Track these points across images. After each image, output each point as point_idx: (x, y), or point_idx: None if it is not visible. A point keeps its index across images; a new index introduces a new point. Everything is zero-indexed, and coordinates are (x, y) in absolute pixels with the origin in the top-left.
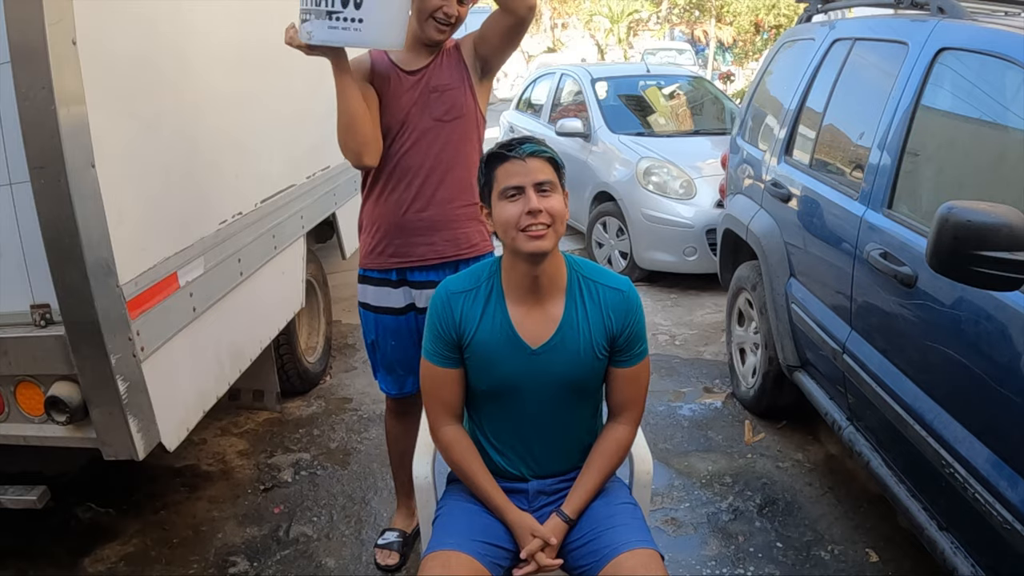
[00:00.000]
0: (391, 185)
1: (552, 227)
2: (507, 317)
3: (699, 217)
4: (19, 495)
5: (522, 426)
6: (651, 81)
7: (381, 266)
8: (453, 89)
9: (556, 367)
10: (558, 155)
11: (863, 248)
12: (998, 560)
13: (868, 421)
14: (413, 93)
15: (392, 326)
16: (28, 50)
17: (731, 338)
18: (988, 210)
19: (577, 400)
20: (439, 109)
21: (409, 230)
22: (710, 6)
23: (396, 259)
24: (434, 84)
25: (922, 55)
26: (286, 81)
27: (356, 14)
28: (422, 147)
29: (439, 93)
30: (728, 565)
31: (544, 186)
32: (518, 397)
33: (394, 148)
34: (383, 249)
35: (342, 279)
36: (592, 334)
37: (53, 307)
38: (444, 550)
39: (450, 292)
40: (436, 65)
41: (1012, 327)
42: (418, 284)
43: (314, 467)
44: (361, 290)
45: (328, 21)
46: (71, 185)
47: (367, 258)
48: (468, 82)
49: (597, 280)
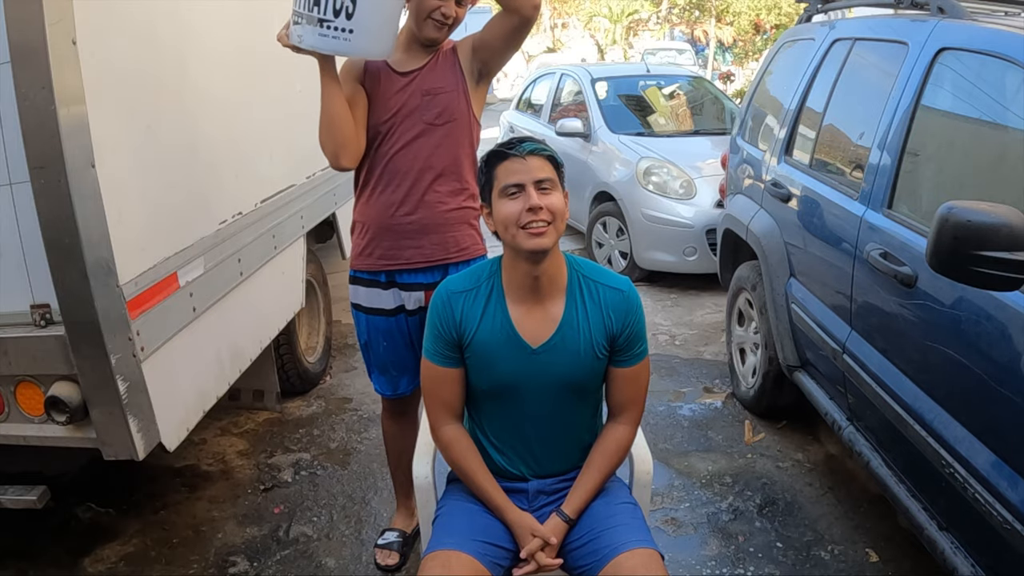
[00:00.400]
0: (380, 187)
1: (552, 224)
2: (507, 316)
3: (699, 217)
4: (19, 495)
5: (522, 425)
6: (651, 81)
7: (370, 267)
8: (446, 92)
9: (556, 367)
10: (557, 154)
11: (863, 248)
12: (998, 560)
13: (868, 421)
14: (403, 95)
15: (383, 327)
16: (28, 50)
17: (731, 338)
18: (988, 210)
19: (577, 400)
20: (431, 112)
21: (398, 232)
22: (710, 6)
23: (384, 261)
24: (427, 87)
25: (922, 55)
26: (286, 81)
27: (347, 24)
28: (412, 150)
29: (431, 96)
30: (728, 565)
31: (544, 184)
32: (518, 396)
33: (384, 149)
34: (372, 251)
35: (342, 279)
36: (592, 334)
37: (53, 307)
38: (444, 550)
39: (450, 292)
40: (430, 67)
41: (1012, 327)
42: (407, 286)
43: (314, 467)
44: (352, 291)
45: (319, 28)
46: (71, 185)
47: (357, 259)
48: (462, 86)
49: (597, 280)
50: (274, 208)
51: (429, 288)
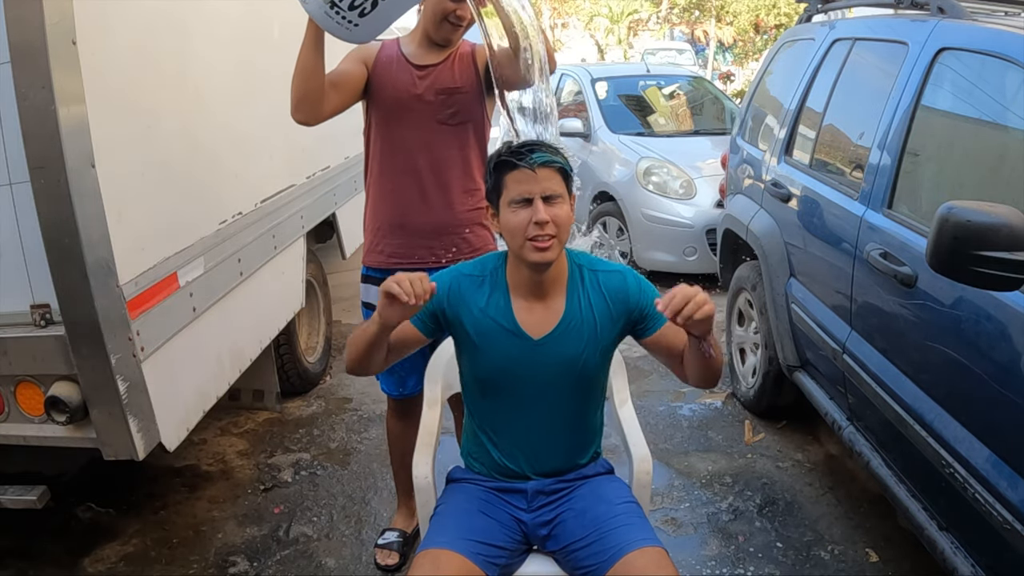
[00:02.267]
0: (392, 185)
1: (557, 236)
2: (510, 308)
3: (699, 217)
4: (19, 495)
5: (522, 418)
6: (651, 81)
7: (382, 264)
8: (462, 93)
9: (559, 356)
10: (568, 162)
11: (863, 248)
12: (998, 560)
13: (868, 421)
14: (417, 87)
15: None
16: (28, 50)
17: (731, 338)
18: (988, 210)
19: (580, 392)
20: (445, 112)
21: (410, 231)
22: (710, 6)
23: (395, 259)
24: (442, 86)
25: (922, 55)
26: (286, 81)
27: (356, 19)
28: (426, 149)
29: (446, 95)
30: (728, 565)
31: (552, 197)
32: (519, 387)
33: (397, 145)
34: (383, 248)
35: (342, 279)
36: (596, 320)
37: (53, 307)
38: (435, 548)
39: (461, 273)
40: (447, 66)
41: (1012, 327)
42: None
43: (314, 467)
44: (364, 290)
45: (327, 8)
46: (71, 185)
47: (369, 255)
48: (478, 87)
49: (596, 268)
50: (274, 208)
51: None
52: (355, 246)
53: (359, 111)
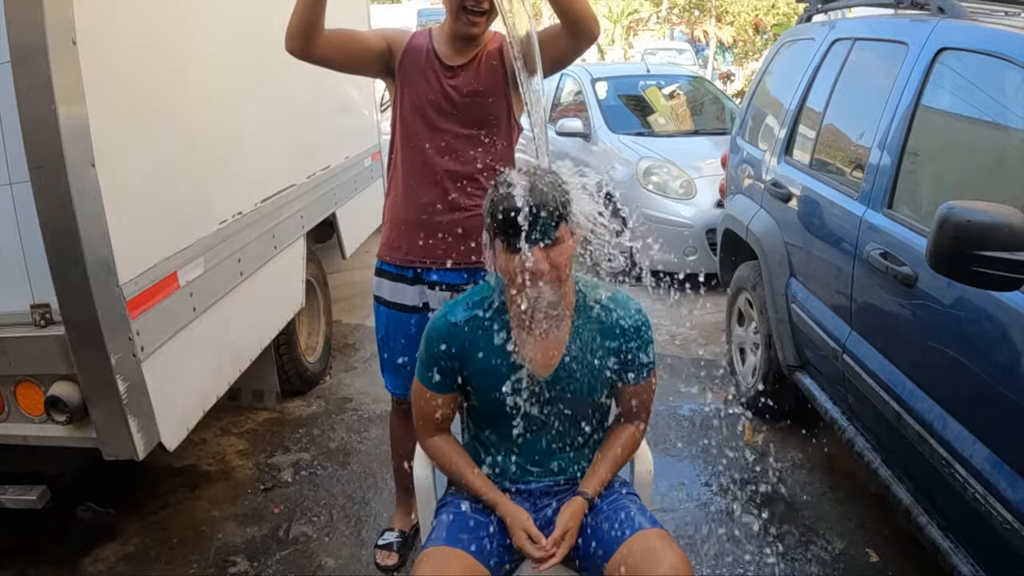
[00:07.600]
0: (415, 183)
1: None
2: (511, 344)
3: (699, 217)
4: (19, 495)
5: (526, 438)
6: (651, 81)
7: (399, 261)
8: (488, 97)
9: (563, 392)
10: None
11: (863, 248)
12: (998, 560)
13: (868, 421)
14: (444, 85)
15: (403, 322)
16: (28, 50)
17: (731, 338)
18: (988, 210)
19: (586, 416)
20: (471, 117)
21: (430, 231)
22: (710, 6)
23: (413, 257)
24: (469, 88)
25: (922, 55)
26: (286, 81)
27: None
28: (451, 151)
29: (470, 99)
30: (728, 565)
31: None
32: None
33: (421, 144)
34: (400, 244)
35: (342, 279)
36: (601, 356)
37: (53, 307)
38: (438, 547)
39: (450, 323)
40: (473, 67)
41: (1012, 327)
42: (433, 284)
43: (314, 467)
44: (377, 283)
45: None
46: (71, 185)
47: (385, 249)
48: (505, 90)
49: (605, 303)
50: (274, 208)
51: (456, 289)
52: (355, 246)
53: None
